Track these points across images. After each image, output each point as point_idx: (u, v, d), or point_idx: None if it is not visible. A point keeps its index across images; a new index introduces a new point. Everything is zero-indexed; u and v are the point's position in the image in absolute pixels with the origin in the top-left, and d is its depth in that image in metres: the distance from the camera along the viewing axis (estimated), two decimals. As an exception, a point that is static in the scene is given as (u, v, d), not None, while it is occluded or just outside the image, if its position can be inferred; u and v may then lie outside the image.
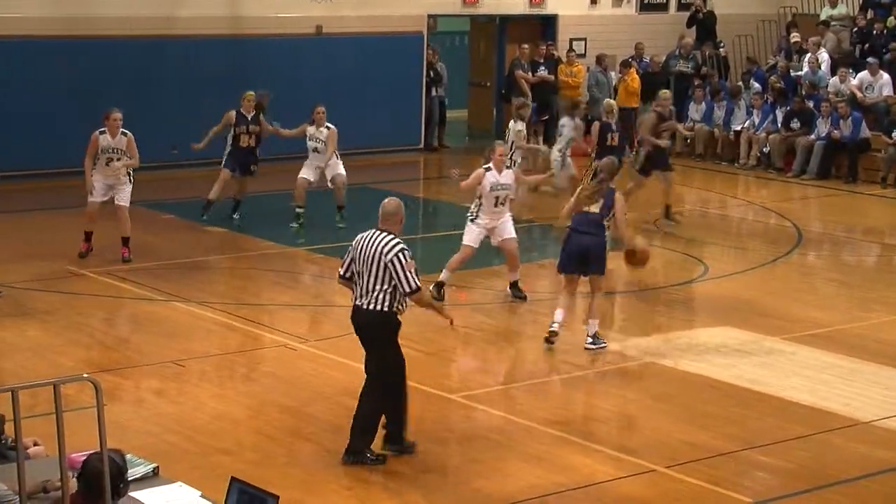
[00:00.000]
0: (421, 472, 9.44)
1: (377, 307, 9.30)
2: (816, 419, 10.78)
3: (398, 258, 9.20)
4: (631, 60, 24.99)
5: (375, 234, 9.37)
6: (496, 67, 26.29)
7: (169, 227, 17.51)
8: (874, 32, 24.97)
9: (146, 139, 19.23)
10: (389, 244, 9.25)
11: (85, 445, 7.03)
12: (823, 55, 24.32)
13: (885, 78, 23.20)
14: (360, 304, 9.39)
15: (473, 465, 9.61)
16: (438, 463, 9.77)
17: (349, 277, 9.48)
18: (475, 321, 13.62)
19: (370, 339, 9.44)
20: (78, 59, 20.26)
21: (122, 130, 15.11)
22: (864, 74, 23.44)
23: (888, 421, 10.80)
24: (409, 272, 9.21)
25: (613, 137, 17.95)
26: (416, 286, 9.24)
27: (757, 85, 24.34)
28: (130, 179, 15.30)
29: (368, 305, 9.31)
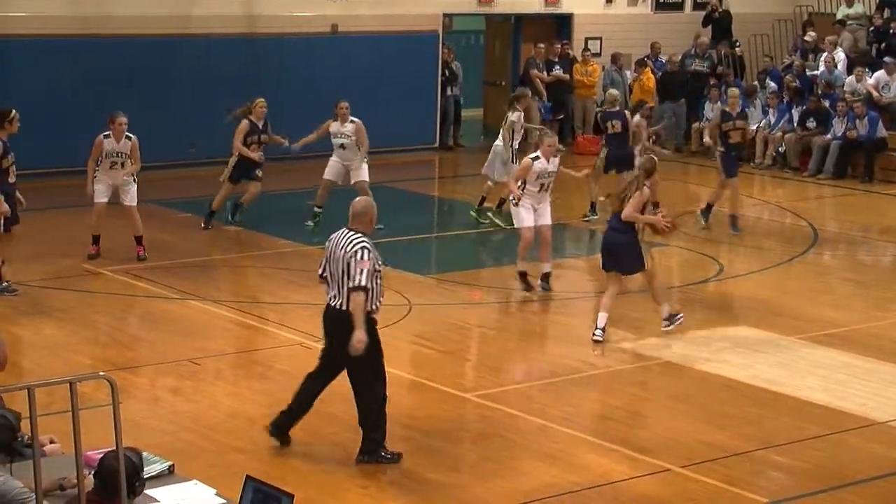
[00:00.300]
0: (436, 470, 9.44)
1: (349, 307, 9.26)
2: (832, 419, 10.75)
3: (355, 254, 9.21)
4: (646, 60, 24.98)
5: (345, 233, 9.41)
6: (511, 66, 26.26)
7: (185, 225, 17.52)
8: (891, 31, 24.86)
9: (161, 138, 19.36)
10: (353, 241, 9.27)
11: (101, 443, 7.04)
12: (839, 54, 24.24)
13: (901, 77, 23.15)
14: (333, 303, 9.38)
15: (489, 463, 9.61)
16: (454, 462, 9.78)
17: (326, 277, 9.50)
18: (491, 320, 13.60)
19: (343, 337, 9.30)
20: (92, 57, 20.28)
21: (126, 134, 14.97)
22: (880, 74, 23.36)
23: (905, 421, 10.78)
24: (359, 268, 9.19)
25: (615, 125, 18.09)
26: (358, 284, 9.17)
27: (773, 84, 24.27)
28: (134, 179, 15.21)
29: (341, 305, 9.30)
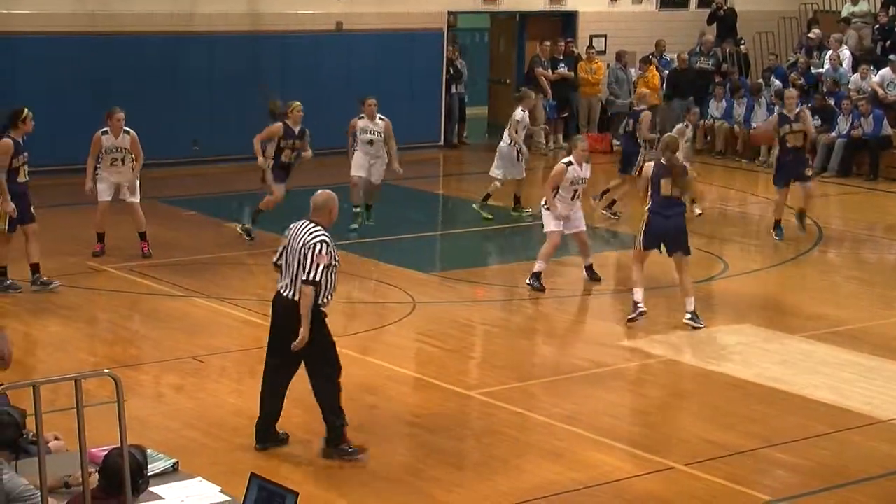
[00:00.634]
0: (440, 468, 9.44)
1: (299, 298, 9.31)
2: (837, 417, 10.75)
3: (312, 247, 9.23)
4: (651, 57, 24.95)
5: (305, 224, 9.43)
6: (516, 64, 26.26)
7: (190, 223, 17.53)
8: (896, 29, 24.90)
9: (166, 135, 19.38)
10: (312, 234, 9.30)
11: (105, 440, 7.06)
12: (845, 52, 24.22)
13: (906, 75, 23.13)
14: (285, 293, 9.39)
15: (492, 461, 9.62)
16: (457, 459, 9.78)
17: (281, 265, 9.51)
18: (494, 317, 13.61)
19: (292, 328, 9.32)
20: (97, 55, 20.30)
21: (124, 129, 14.96)
22: (885, 72, 23.34)
23: (909, 419, 10.77)
24: (315, 262, 9.20)
25: (629, 124, 18.37)
26: (312, 277, 9.19)
27: (777, 82, 24.24)
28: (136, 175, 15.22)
29: (293, 296, 9.31)
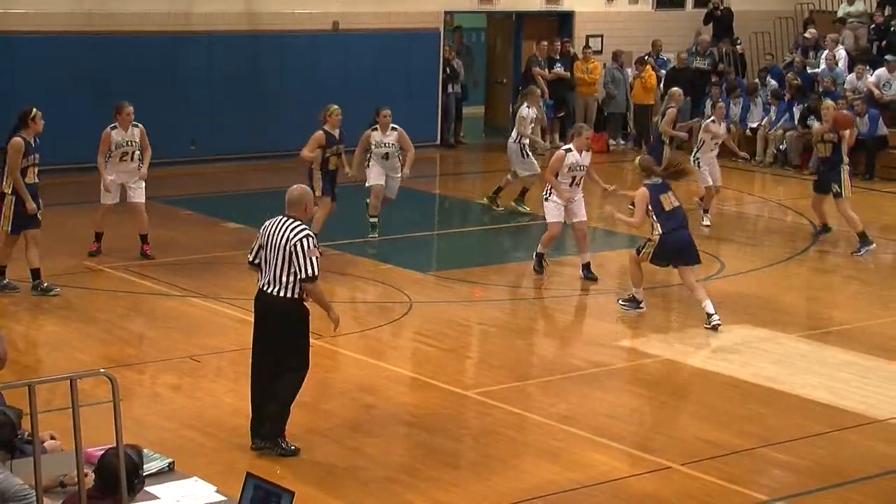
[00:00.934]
0: (437, 468, 9.44)
1: (286, 294, 9.28)
2: (833, 417, 10.75)
3: (301, 243, 9.21)
4: (647, 57, 24.96)
5: (282, 220, 9.39)
6: (513, 64, 26.27)
7: (187, 222, 17.52)
8: (892, 29, 24.83)
9: (164, 135, 19.30)
10: (295, 230, 9.26)
11: (101, 440, 7.05)
12: (841, 52, 24.22)
13: (902, 75, 23.14)
14: (268, 290, 9.36)
15: (489, 461, 9.62)
16: (454, 459, 9.78)
17: (258, 263, 9.48)
18: (491, 317, 13.61)
19: (276, 326, 9.34)
20: (95, 54, 20.28)
21: (133, 123, 14.95)
22: (881, 71, 23.34)
23: (905, 419, 10.78)
24: (309, 258, 9.20)
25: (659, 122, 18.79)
26: (312, 273, 9.21)
27: (774, 82, 24.26)
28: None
29: (277, 292, 9.29)
